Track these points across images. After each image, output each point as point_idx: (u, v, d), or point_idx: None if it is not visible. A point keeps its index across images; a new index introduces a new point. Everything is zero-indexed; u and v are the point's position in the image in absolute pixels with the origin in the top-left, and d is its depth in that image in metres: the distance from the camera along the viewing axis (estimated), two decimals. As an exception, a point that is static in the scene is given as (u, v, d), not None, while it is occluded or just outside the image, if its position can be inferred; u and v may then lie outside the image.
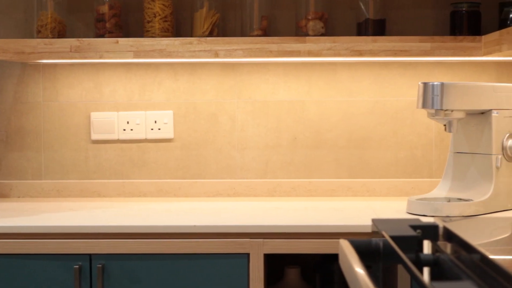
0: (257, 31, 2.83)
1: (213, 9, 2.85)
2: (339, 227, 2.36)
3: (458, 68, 2.96)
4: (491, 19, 2.87)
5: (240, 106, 3.00)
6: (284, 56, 2.73)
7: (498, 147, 2.60)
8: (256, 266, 2.38)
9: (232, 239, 2.38)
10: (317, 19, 2.82)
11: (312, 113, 2.99)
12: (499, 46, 2.51)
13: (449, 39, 2.74)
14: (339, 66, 2.98)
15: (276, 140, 3.00)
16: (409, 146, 2.99)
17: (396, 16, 2.95)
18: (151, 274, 2.39)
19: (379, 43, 2.72)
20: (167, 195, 3.00)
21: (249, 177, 3.01)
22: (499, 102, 2.62)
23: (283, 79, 2.99)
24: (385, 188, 2.98)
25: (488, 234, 1.70)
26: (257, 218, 2.51)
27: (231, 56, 2.73)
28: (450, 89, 2.50)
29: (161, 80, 3.00)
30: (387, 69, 2.97)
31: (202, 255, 2.38)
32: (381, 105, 2.99)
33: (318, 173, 3.00)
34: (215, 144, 3.01)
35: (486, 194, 2.56)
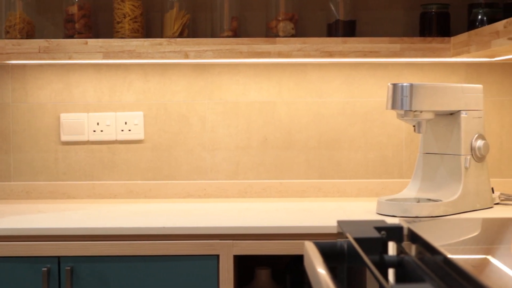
0: (227, 32, 2.83)
1: (183, 10, 2.85)
2: (309, 228, 2.36)
3: (427, 69, 2.97)
4: (460, 21, 2.88)
5: (210, 107, 2.99)
6: (254, 57, 2.73)
7: (467, 147, 2.62)
8: (226, 267, 2.38)
9: (201, 241, 2.38)
10: (287, 20, 2.82)
11: (282, 114, 3.00)
12: (467, 47, 2.53)
13: (418, 40, 2.75)
14: (310, 67, 2.98)
15: (246, 141, 3.00)
16: (379, 147, 3.00)
17: (366, 17, 2.96)
18: (120, 276, 2.38)
19: (349, 44, 2.73)
20: (137, 196, 2.99)
21: (219, 178, 3.00)
22: (468, 103, 2.63)
23: (253, 80, 2.99)
24: (356, 189, 2.99)
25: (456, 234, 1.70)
26: (227, 219, 2.51)
27: (201, 57, 2.73)
28: (419, 90, 2.51)
29: (131, 81, 2.99)
30: (357, 70, 2.98)
31: (172, 257, 2.37)
32: (352, 106, 2.99)
33: (289, 174, 3.00)
34: (186, 145, 3.00)
35: (455, 195, 2.57)
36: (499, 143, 2.99)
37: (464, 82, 2.97)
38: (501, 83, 2.98)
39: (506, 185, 2.93)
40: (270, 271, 2.73)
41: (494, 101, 2.98)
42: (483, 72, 2.97)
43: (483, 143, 2.63)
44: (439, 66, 2.97)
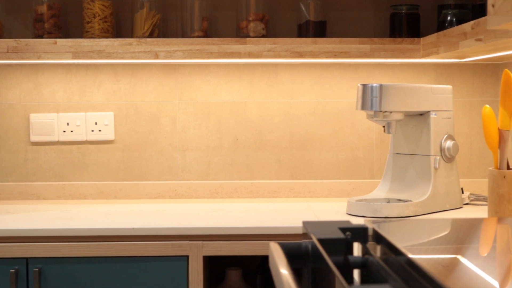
0: (198, 32, 2.83)
1: (153, 10, 2.84)
2: (277, 229, 2.36)
3: (398, 70, 2.98)
4: (430, 22, 2.89)
5: (181, 107, 2.98)
6: (225, 57, 2.72)
7: (437, 148, 2.63)
8: (196, 268, 2.37)
9: (171, 242, 2.37)
10: (258, 21, 2.82)
11: (253, 114, 2.99)
12: (436, 48, 2.54)
13: (388, 41, 2.76)
14: (281, 68, 2.98)
15: (217, 141, 3.00)
16: (350, 147, 3.01)
17: (337, 17, 2.96)
18: (89, 278, 2.36)
19: (319, 45, 2.73)
20: (108, 197, 2.98)
21: (190, 179, 3.00)
22: (437, 103, 2.64)
23: (224, 80, 2.99)
24: (327, 189, 2.99)
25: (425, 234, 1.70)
26: (197, 220, 2.50)
27: (171, 57, 2.72)
28: (388, 91, 2.52)
29: (101, 81, 2.97)
30: (328, 70, 2.99)
31: (141, 258, 2.36)
32: (322, 106, 3.00)
33: (260, 175, 3.00)
34: (157, 145, 2.99)
35: (424, 195, 2.58)
36: (468, 143, 3.00)
37: (434, 82, 2.98)
38: (471, 84, 2.99)
39: (475, 185, 2.94)
40: (240, 271, 2.72)
41: (464, 101, 3.00)
42: (453, 73, 2.99)
43: (452, 144, 2.64)
44: (409, 66, 2.98)
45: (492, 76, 2.98)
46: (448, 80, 2.98)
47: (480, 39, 2.12)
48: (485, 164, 2.98)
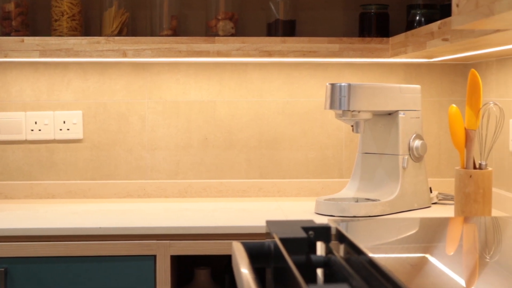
0: (167, 31, 2.81)
1: (122, 8, 2.82)
2: (246, 228, 2.36)
3: (367, 69, 2.99)
4: (400, 21, 2.90)
5: (150, 106, 2.97)
6: (193, 56, 2.71)
7: (405, 147, 2.64)
8: (163, 268, 2.36)
9: (138, 241, 2.36)
10: (227, 19, 2.81)
11: (223, 113, 2.99)
12: (404, 48, 2.54)
13: (357, 40, 2.76)
14: (250, 67, 2.98)
15: (187, 140, 2.99)
16: (320, 147, 3.01)
17: (307, 17, 2.97)
18: (55, 277, 2.34)
19: (288, 44, 2.73)
20: (76, 196, 2.96)
21: (159, 178, 2.98)
22: (405, 103, 2.65)
23: (194, 79, 2.98)
24: (296, 188, 2.99)
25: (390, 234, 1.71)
26: (165, 220, 2.49)
27: (140, 56, 2.71)
28: (357, 90, 2.52)
29: (70, 80, 2.95)
30: (298, 70, 2.98)
31: (108, 257, 2.35)
32: (292, 105, 3.00)
33: (229, 174, 3.00)
34: (125, 144, 2.97)
35: (392, 194, 2.58)
36: (437, 143, 3.01)
37: (403, 82, 2.99)
38: (440, 84, 3.00)
39: (444, 185, 2.95)
40: (209, 271, 2.72)
41: (433, 101, 3.01)
42: (422, 72, 3.00)
43: (420, 143, 2.64)
44: (378, 66, 2.99)
45: (461, 76, 2.99)
46: (417, 79, 2.99)
47: (446, 39, 2.13)
48: (454, 163, 2.99)
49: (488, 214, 2.29)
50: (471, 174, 2.27)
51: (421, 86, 2.88)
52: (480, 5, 1.49)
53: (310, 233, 1.42)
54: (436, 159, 3.02)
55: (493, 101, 2.39)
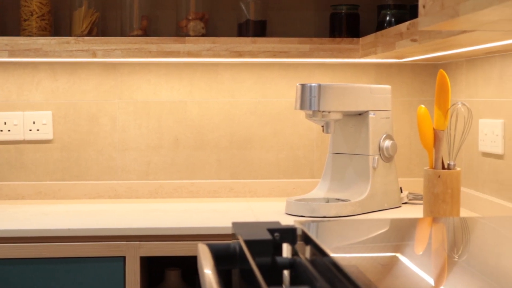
0: (137, 31, 2.80)
1: (92, 8, 2.80)
2: (216, 229, 2.35)
3: (338, 70, 2.99)
4: (370, 22, 2.91)
5: (121, 106, 2.96)
6: (164, 56, 2.70)
7: (375, 147, 2.64)
8: (132, 269, 2.35)
9: (107, 242, 2.34)
10: (197, 20, 2.80)
11: (194, 113, 2.98)
12: (374, 48, 2.55)
13: (328, 41, 2.76)
14: (221, 67, 2.97)
15: (157, 141, 2.98)
16: (291, 147, 3.01)
17: (278, 17, 2.96)
18: (24, 279, 2.33)
19: (258, 44, 2.73)
20: (46, 197, 2.94)
21: (130, 179, 2.97)
22: (375, 103, 2.65)
23: (165, 79, 2.97)
24: (267, 189, 2.99)
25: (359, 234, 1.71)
26: (135, 221, 2.48)
27: (110, 56, 2.69)
28: (327, 91, 2.52)
29: (39, 80, 2.93)
30: (269, 70, 2.98)
31: (77, 259, 2.34)
32: (263, 106, 2.99)
33: (200, 174, 2.99)
34: (96, 145, 2.96)
35: (362, 194, 2.59)
36: (408, 143, 3.02)
37: (374, 82, 2.99)
38: (410, 84, 3.01)
39: (414, 185, 2.96)
40: (179, 272, 2.71)
41: (404, 101, 3.02)
42: (393, 72, 3.01)
43: (391, 143, 2.65)
44: (349, 66, 2.99)
45: (431, 76, 3.00)
46: (388, 80, 3.00)
47: (415, 40, 2.14)
48: (425, 163, 3.00)
49: (457, 214, 2.30)
50: (439, 174, 2.28)
51: (392, 86, 2.89)
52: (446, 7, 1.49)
53: (276, 234, 1.42)
54: (406, 159, 3.03)
55: (462, 102, 2.40)
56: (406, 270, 1.25)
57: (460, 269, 1.28)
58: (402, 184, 2.89)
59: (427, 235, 1.71)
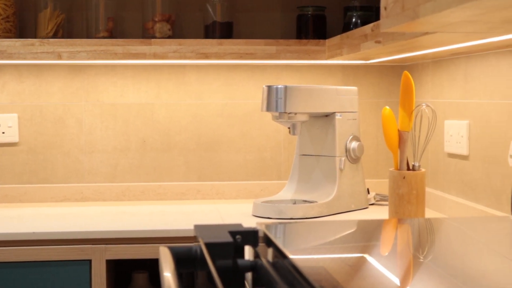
0: (103, 32, 2.79)
1: (57, 10, 2.79)
2: (181, 231, 2.35)
3: (306, 71, 3.00)
4: (337, 23, 2.91)
5: (87, 109, 2.94)
6: (129, 58, 2.69)
7: (342, 149, 2.65)
8: (98, 272, 2.34)
9: (73, 246, 2.33)
10: (164, 21, 2.80)
11: (161, 115, 2.97)
12: (340, 50, 2.55)
13: (294, 42, 2.76)
14: (188, 69, 2.97)
15: (124, 143, 2.96)
16: (258, 148, 3.01)
17: (244, 19, 2.96)
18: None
19: (224, 46, 2.72)
20: (12, 200, 2.91)
21: (97, 181, 2.95)
22: (342, 105, 2.66)
23: (131, 81, 2.95)
24: (235, 191, 2.98)
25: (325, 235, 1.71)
26: (101, 223, 2.47)
27: (75, 58, 2.68)
28: (293, 92, 2.52)
29: (5, 82, 2.91)
30: (236, 72, 2.98)
31: (42, 263, 2.32)
32: (230, 107, 2.99)
33: (168, 176, 2.98)
34: (62, 147, 2.94)
35: (329, 196, 2.59)
36: (375, 144, 3.03)
37: (341, 84, 3.00)
38: (377, 85, 3.02)
39: (382, 186, 2.97)
40: (147, 274, 2.70)
41: (371, 102, 3.03)
42: (360, 74, 3.02)
43: (357, 145, 2.66)
44: (317, 68, 3.00)
45: (398, 77, 3.01)
46: (355, 81, 3.01)
47: (379, 41, 2.14)
48: (392, 164, 3.01)
49: (422, 215, 2.31)
50: (404, 175, 2.28)
51: (359, 88, 2.90)
52: (406, 8, 1.50)
53: (238, 237, 1.42)
54: (374, 160, 3.04)
55: (426, 103, 2.42)
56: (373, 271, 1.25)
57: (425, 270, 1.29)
58: (369, 185, 2.90)
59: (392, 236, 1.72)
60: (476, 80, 2.37)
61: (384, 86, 3.03)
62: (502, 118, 2.21)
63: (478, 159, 2.36)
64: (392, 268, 1.28)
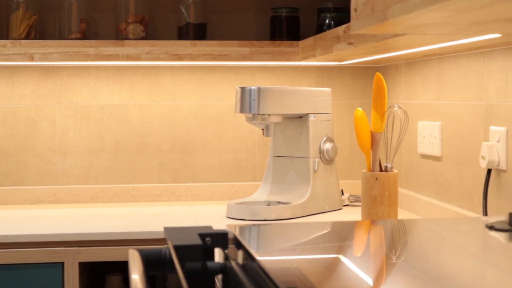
0: (76, 34, 2.78)
1: (30, 11, 2.77)
2: (154, 234, 2.34)
3: (280, 72, 3.00)
4: (311, 25, 2.92)
5: (60, 110, 2.92)
6: (102, 60, 2.68)
7: (316, 150, 2.65)
8: (71, 275, 2.33)
9: (46, 248, 2.32)
10: (137, 23, 2.79)
11: (135, 117, 2.96)
12: (313, 51, 2.56)
13: (268, 44, 2.76)
14: (162, 70, 2.96)
15: (98, 145, 2.95)
16: (233, 150, 3.00)
17: (218, 20, 2.96)
18: (-41, 287, 2.29)
19: (198, 47, 2.72)
20: (-16, 203, 2.89)
21: (70, 183, 2.94)
22: (316, 106, 2.66)
23: (105, 83, 2.94)
24: (209, 192, 2.98)
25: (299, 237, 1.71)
26: (75, 226, 2.46)
27: (47, 59, 2.66)
28: (267, 94, 2.52)
29: (-23, 84, 2.89)
30: (210, 73, 2.98)
31: (14, 266, 2.30)
32: (205, 109, 2.98)
33: (142, 178, 2.97)
34: (35, 149, 2.92)
35: (303, 197, 2.59)
36: (349, 145, 3.04)
37: (315, 85, 3.00)
38: (351, 87, 3.03)
39: (356, 187, 2.98)
40: (121, 277, 2.68)
41: (345, 104, 3.03)
42: (334, 75, 3.02)
43: (331, 146, 2.66)
44: (291, 69, 3.00)
45: (371, 79, 3.01)
46: (329, 82, 3.01)
47: (351, 43, 2.15)
48: (366, 165, 3.02)
49: (395, 216, 2.31)
50: (377, 176, 2.29)
51: (333, 89, 2.90)
52: (376, 10, 1.50)
53: (207, 239, 1.41)
54: (348, 161, 3.04)
55: (398, 104, 2.42)
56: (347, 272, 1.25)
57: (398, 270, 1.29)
58: (344, 186, 2.91)
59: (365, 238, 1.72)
60: (449, 81, 2.38)
61: (358, 87, 3.03)
62: (473, 119, 2.22)
63: (450, 160, 2.37)
64: (365, 269, 1.28)
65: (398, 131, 2.45)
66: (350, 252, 1.47)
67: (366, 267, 1.30)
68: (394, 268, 1.33)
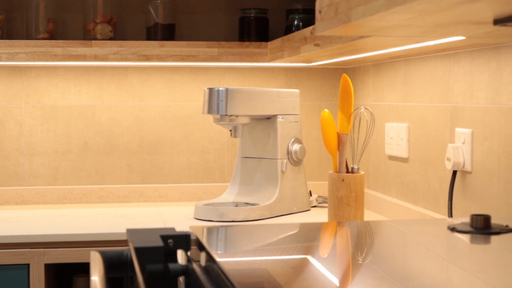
0: (43, 34, 2.76)
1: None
2: (119, 235, 2.33)
3: (248, 74, 3.00)
4: (280, 26, 2.92)
5: (28, 111, 2.90)
6: (70, 60, 2.67)
7: (284, 151, 2.65)
8: (37, 277, 2.31)
9: (11, 250, 2.30)
10: (105, 23, 2.77)
11: (103, 118, 2.94)
12: (281, 53, 2.56)
13: (236, 45, 2.76)
14: (131, 71, 2.95)
15: (66, 145, 2.93)
16: (201, 151, 3.00)
17: (187, 21, 2.95)
18: None
19: (166, 48, 2.71)
20: (-50, 204, 2.87)
21: (38, 184, 2.92)
22: (284, 107, 2.66)
23: (73, 83, 2.92)
24: (178, 193, 2.97)
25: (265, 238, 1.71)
26: (41, 227, 2.44)
27: (14, 59, 2.64)
28: (234, 95, 2.52)
29: None
30: (179, 74, 2.97)
31: (-21, 267, 2.29)
32: (173, 109, 2.98)
33: (110, 179, 2.96)
34: (2, 150, 2.90)
35: (271, 198, 2.59)
36: (318, 146, 3.05)
37: (284, 86, 3.01)
38: (320, 88, 3.04)
39: (324, 188, 2.99)
40: (88, 278, 2.67)
41: (314, 105, 3.04)
42: (302, 76, 3.02)
43: (299, 147, 2.66)
44: (260, 70, 3.00)
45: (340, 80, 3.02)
46: (297, 83, 3.02)
47: (318, 44, 2.15)
48: (334, 166, 3.03)
49: (361, 218, 2.32)
50: (343, 178, 2.30)
51: (302, 90, 2.91)
52: (339, 12, 1.50)
53: (170, 241, 1.41)
54: (316, 162, 3.05)
55: (364, 106, 2.43)
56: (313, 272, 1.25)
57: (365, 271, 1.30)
58: (312, 188, 2.91)
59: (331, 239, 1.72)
60: (415, 83, 2.39)
61: (326, 88, 3.04)
62: (439, 121, 2.23)
63: (417, 162, 2.38)
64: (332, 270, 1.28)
65: (364, 132, 2.46)
66: (317, 253, 1.48)
67: (332, 268, 1.31)
68: (360, 269, 1.33)
